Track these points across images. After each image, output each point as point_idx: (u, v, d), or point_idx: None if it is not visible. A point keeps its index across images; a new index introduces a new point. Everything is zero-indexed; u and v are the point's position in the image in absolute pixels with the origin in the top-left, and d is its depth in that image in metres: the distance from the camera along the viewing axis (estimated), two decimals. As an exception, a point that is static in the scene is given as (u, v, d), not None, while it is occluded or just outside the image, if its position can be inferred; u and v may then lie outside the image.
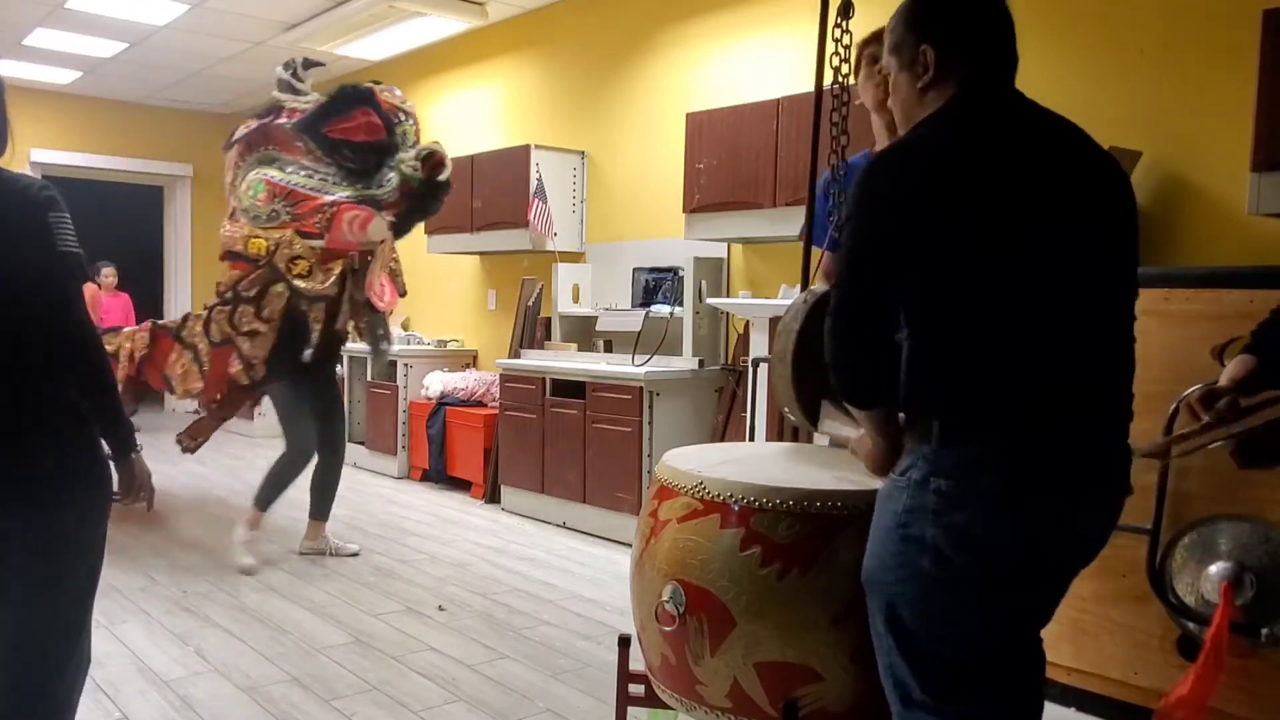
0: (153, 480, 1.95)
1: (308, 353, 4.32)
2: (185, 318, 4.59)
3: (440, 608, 3.83)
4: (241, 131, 4.60)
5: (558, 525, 5.27)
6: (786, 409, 2.14)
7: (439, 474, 6.38)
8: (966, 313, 1.52)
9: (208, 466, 6.93)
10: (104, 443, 1.84)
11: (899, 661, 1.61)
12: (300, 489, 4.51)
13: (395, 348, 6.72)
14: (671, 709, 2.03)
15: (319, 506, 4.61)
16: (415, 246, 7.22)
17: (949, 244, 1.50)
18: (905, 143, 1.60)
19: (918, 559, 1.55)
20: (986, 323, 1.51)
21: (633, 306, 5.47)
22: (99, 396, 1.80)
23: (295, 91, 4.57)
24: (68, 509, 1.75)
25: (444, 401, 6.36)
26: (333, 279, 4.32)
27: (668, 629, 1.88)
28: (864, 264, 1.55)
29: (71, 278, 1.76)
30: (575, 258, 5.99)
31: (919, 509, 1.55)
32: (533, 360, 5.58)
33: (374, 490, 6.21)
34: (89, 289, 8.10)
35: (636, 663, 2.14)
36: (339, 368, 5.70)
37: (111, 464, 1.87)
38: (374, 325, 4.60)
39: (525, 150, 5.84)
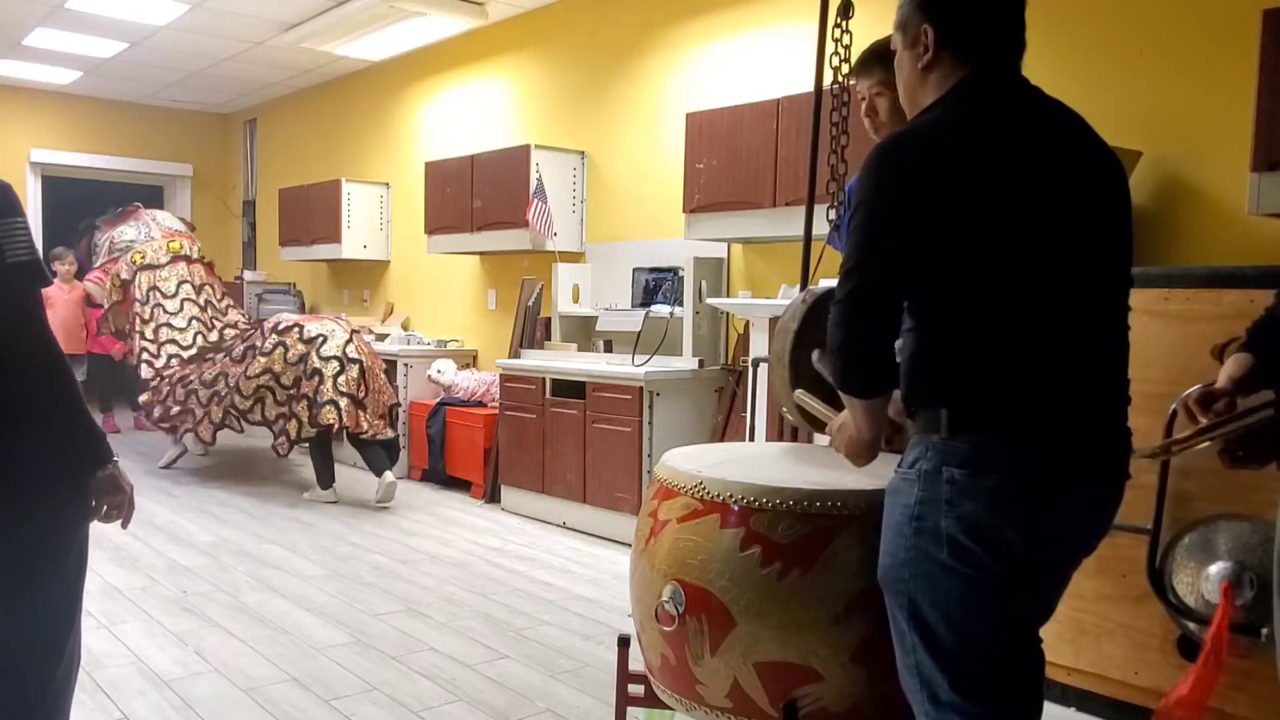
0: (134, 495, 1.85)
1: None
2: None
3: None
4: None
5: (558, 525, 5.27)
6: (785, 409, 2.14)
7: (439, 474, 6.37)
8: (974, 301, 1.52)
9: (204, 464, 6.93)
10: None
11: (925, 660, 1.58)
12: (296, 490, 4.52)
13: (395, 347, 6.75)
14: (671, 709, 2.03)
15: None
16: (415, 246, 7.24)
17: (955, 232, 1.50)
18: (910, 130, 1.60)
19: (934, 552, 1.54)
20: (994, 311, 1.51)
21: (633, 306, 5.46)
22: (62, 408, 1.70)
23: None
24: (41, 516, 1.68)
25: (444, 401, 6.36)
26: None
27: (668, 629, 1.88)
28: (871, 252, 1.54)
29: (27, 289, 1.65)
30: (575, 258, 5.98)
31: (932, 500, 1.53)
32: (533, 360, 5.58)
33: (374, 490, 6.20)
34: (85, 285, 8.09)
35: (636, 663, 2.14)
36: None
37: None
38: None
39: (525, 150, 5.84)
